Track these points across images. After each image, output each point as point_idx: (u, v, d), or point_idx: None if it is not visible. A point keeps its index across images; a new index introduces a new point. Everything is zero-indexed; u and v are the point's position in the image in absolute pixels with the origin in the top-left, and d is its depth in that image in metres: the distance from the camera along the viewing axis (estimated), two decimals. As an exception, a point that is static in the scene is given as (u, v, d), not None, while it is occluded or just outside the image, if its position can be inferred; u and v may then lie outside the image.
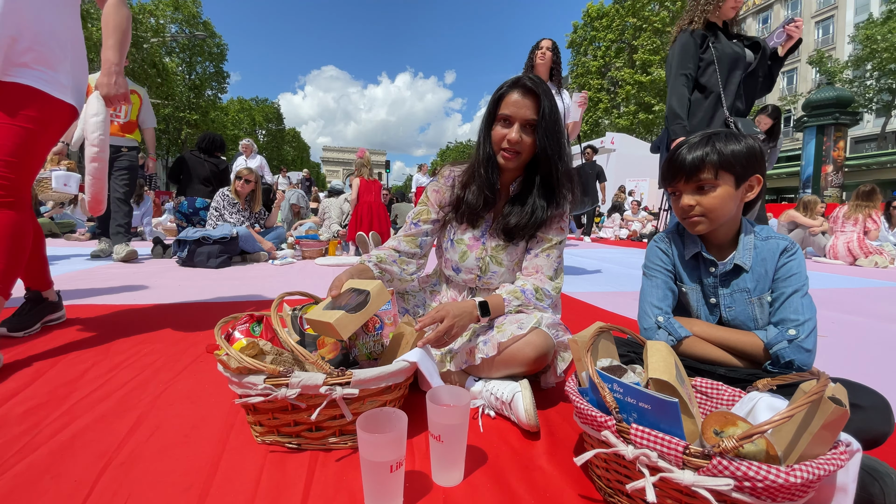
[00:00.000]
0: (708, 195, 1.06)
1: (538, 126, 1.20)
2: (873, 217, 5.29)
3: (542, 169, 1.27)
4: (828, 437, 0.67)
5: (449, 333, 1.11)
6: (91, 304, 2.28)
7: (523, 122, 1.20)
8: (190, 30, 25.07)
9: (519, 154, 1.23)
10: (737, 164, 1.04)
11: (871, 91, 22.04)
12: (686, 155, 1.07)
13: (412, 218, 1.41)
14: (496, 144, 1.24)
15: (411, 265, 1.41)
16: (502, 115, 1.21)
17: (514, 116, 1.20)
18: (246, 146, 7.46)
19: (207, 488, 0.82)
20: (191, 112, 25.84)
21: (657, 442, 0.68)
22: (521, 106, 1.19)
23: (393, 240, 1.41)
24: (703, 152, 1.05)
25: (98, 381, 1.30)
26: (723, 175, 1.05)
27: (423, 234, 1.40)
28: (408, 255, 1.40)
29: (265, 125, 39.06)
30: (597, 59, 24.55)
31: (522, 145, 1.21)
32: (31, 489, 0.81)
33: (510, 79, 1.23)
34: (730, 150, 1.03)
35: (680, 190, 1.11)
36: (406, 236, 1.39)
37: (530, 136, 1.21)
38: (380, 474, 0.73)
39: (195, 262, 3.73)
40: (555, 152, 1.23)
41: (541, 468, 0.93)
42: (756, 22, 32.84)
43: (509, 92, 1.21)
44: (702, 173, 1.05)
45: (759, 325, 1.08)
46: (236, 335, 1.08)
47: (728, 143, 1.04)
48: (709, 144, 1.05)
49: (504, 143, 1.21)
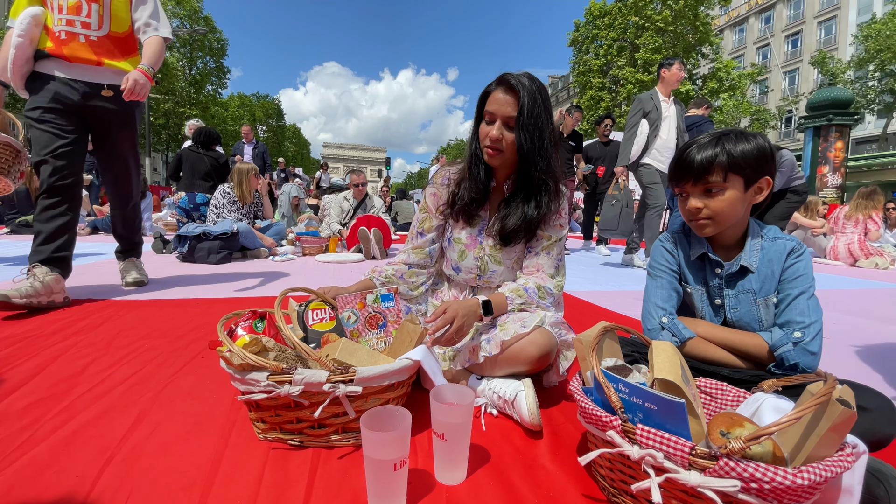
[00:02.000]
0: (716, 198, 1.04)
1: (517, 123, 1.19)
2: (874, 218, 5.28)
3: (521, 166, 1.27)
4: (835, 439, 0.67)
5: (459, 333, 1.12)
6: (91, 299, 2.27)
7: (504, 118, 1.20)
8: (191, 25, 24.98)
9: (501, 151, 1.23)
10: (746, 167, 1.02)
11: (872, 92, 22.01)
12: (695, 156, 1.05)
13: (416, 227, 1.43)
14: (482, 141, 1.25)
15: (421, 277, 1.43)
16: (487, 113, 1.22)
17: (496, 113, 1.20)
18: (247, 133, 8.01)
19: (209, 485, 0.82)
20: (191, 107, 25.77)
21: (663, 442, 0.68)
22: (503, 103, 1.19)
23: (403, 253, 1.44)
24: (712, 153, 1.03)
25: (99, 376, 1.29)
26: (732, 178, 1.03)
27: (430, 243, 1.42)
28: (418, 266, 1.42)
29: (265, 121, 38.98)
30: (598, 57, 24.44)
31: (504, 142, 1.21)
32: (32, 485, 0.80)
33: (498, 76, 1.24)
34: (739, 151, 1.01)
35: (687, 191, 1.10)
36: (414, 248, 1.42)
37: (512, 134, 1.21)
38: (383, 472, 0.72)
39: (196, 258, 3.72)
40: (533, 150, 1.21)
41: (544, 467, 0.93)
42: (759, 21, 32.76)
43: (493, 90, 1.21)
44: (710, 176, 1.03)
45: (763, 327, 1.08)
46: (239, 332, 1.08)
47: (738, 142, 1.02)
48: (718, 145, 1.03)
49: (486, 140, 1.23)
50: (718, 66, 22.21)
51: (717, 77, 22.03)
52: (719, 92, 21.99)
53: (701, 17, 22.09)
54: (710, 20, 22.91)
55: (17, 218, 6.30)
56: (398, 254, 1.45)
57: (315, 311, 1.20)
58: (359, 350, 0.99)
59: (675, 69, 4.16)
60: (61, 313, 1.96)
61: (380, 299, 1.24)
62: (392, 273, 1.40)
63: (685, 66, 4.38)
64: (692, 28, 22.30)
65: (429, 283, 1.46)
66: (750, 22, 33.29)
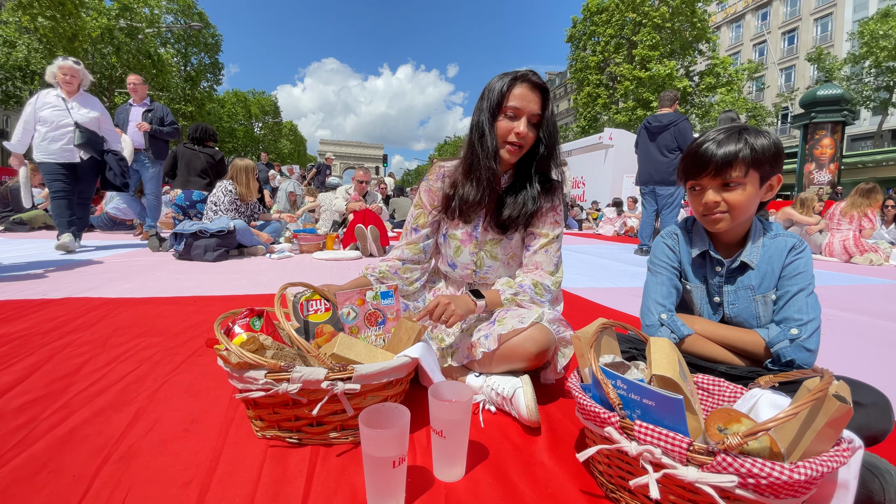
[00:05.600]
0: (734, 192, 1.03)
1: (542, 121, 1.22)
2: (869, 215, 5.29)
3: (540, 163, 1.28)
4: (831, 435, 0.67)
5: (447, 311, 1.12)
6: (88, 297, 2.26)
7: (529, 115, 1.19)
8: (185, 20, 24.79)
9: (522, 148, 1.23)
10: (766, 163, 1.01)
11: (868, 89, 22.08)
12: (716, 150, 1.02)
13: (411, 223, 1.43)
14: (501, 138, 1.22)
15: (415, 272, 1.43)
16: (509, 108, 1.19)
17: (523, 110, 1.18)
18: (134, 86, 4.80)
19: (208, 483, 0.82)
20: (186, 104, 25.59)
21: (661, 438, 0.68)
22: (529, 100, 1.19)
23: (397, 249, 1.43)
24: (735, 147, 1.00)
25: (96, 374, 1.29)
26: (751, 174, 1.01)
27: (424, 239, 1.41)
28: (412, 262, 1.42)
29: (262, 118, 38.76)
30: (596, 54, 24.41)
31: (528, 139, 1.21)
32: (29, 483, 0.80)
33: (513, 72, 1.22)
34: (760, 146, 1.00)
35: (703, 185, 1.07)
36: (408, 244, 1.41)
37: (533, 131, 1.22)
38: (382, 470, 0.72)
39: (192, 256, 3.71)
40: (551, 147, 1.26)
41: (542, 463, 0.93)
42: (755, 18, 32.78)
43: (517, 85, 1.19)
44: (732, 170, 1.01)
45: (761, 323, 1.08)
46: (236, 329, 1.07)
47: (757, 137, 1.01)
48: (741, 140, 1.01)
49: (511, 136, 1.21)
50: (715, 62, 22.25)
51: (713, 73, 22.07)
52: (716, 87, 22.04)
53: (698, 13, 22.11)
54: (707, 17, 22.93)
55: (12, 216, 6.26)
56: (392, 249, 1.45)
57: (311, 302, 1.21)
58: (356, 344, 0.99)
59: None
60: (57, 311, 1.95)
61: (379, 296, 1.24)
62: (386, 269, 1.40)
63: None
64: (689, 25, 22.32)
65: (423, 278, 1.46)
66: (747, 19, 33.30)
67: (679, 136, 4.75)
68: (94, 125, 3.99)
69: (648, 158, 5.02)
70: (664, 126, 4.83)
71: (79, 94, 3.97)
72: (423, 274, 1.45)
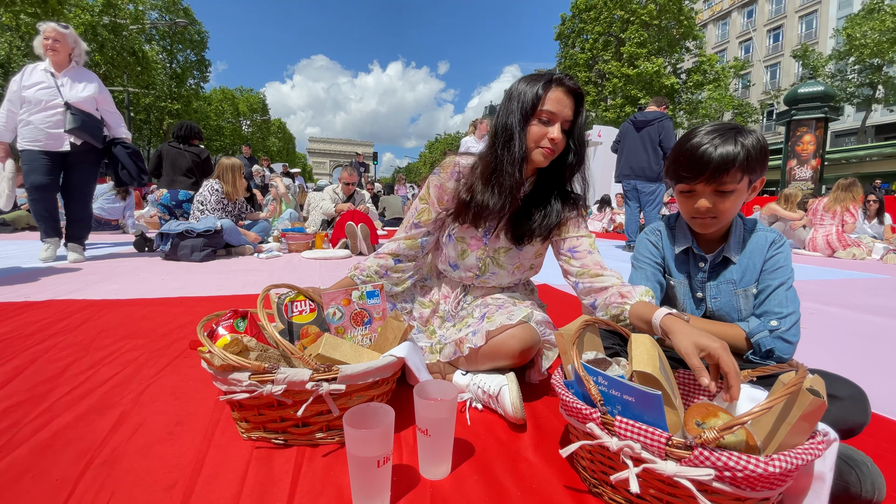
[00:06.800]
0: (727, 199, 1.01)
1: (574, 128, 1.18)
2: (851, 210, 5.39)
3: (569, 170, 1.24)
4: (806, 428, 0.69)
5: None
6: (71, 299, 2.23)
7: (563, 120, 1.15)
8: (170, 17, 24.45)
9: (554, 153, 1.18)
10: (757, 168, 0.99)
11: (852, 85, 22.43)
12: (711, 152, 0.98)
13: (413, 217, 1.36)
14: (533, 143, 1.16)
15: (407, 272, 1.38)
16: (545, 113, 1.13)
17: (558, 115, 1.13)
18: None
19: (192, 486, 0.81)
20: (172, 102, 25.26)
21: (640, 434, 0.69)
22: (565, 105, 1.14)
23: (392, 243, 1.38)
24: (732, 153, 0.97)
25: (79, 378, 1.27)
26: (744, 179, 1.00)
27: (424, 235, 1.36)
28: (407, 257, 1.37)
29: (250, 115, 38.38)
30: (584, 51, 24.53)
31: (560, 146, 1.17)
32: (11, 489, 0.79)
33: (547, 73, 1.16)
34: (753, 149, 0.98)
35: (697, 191, 1.04)
36: (407, 238, 1.36)
37: (564, 137, 1.17)
38: (367, 469, 0.73)
39: (179, 256, 3.67)
40: (581, 154, 1.22)
41: (527, 460, 0.94)
42: (741, 16, 33.12)
43: (553, 88, 1.13)
44: (727, 175, 0.98)
45: (742, 317, 1.10)
46: (220, 331, 1.07)
47: (747, 136, 0.99)
48: (737, 144, 0.97)
49: (545, 141, 1.15)
50: (702, 59, 22.47)
51: (700, 70, 22.29)
52: (703, 84, 22.26)
53: (685, 11, 22.32)
54: (693, 14, 23.14)
55: None
56: (388, 242, 1.39)
57: (295, 303, 1.20)
58: (342, 344, 0.99)
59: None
60: (40, 314, 1.92)
61: (365, 296, 1.24)
62: (376, 270, 1.35)
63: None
64: (676, 22, 22.52)
65: (415, 276, 1.42)
66: (733, 16, 33.63)
67: (663, 133, 4.87)
68: (91, 105, 3.29)
69: (631, 153, 5.11)
70: (649, 121, 4.94)
71: (71, 68, 3.26)
72: (415, 272, 1.41)
